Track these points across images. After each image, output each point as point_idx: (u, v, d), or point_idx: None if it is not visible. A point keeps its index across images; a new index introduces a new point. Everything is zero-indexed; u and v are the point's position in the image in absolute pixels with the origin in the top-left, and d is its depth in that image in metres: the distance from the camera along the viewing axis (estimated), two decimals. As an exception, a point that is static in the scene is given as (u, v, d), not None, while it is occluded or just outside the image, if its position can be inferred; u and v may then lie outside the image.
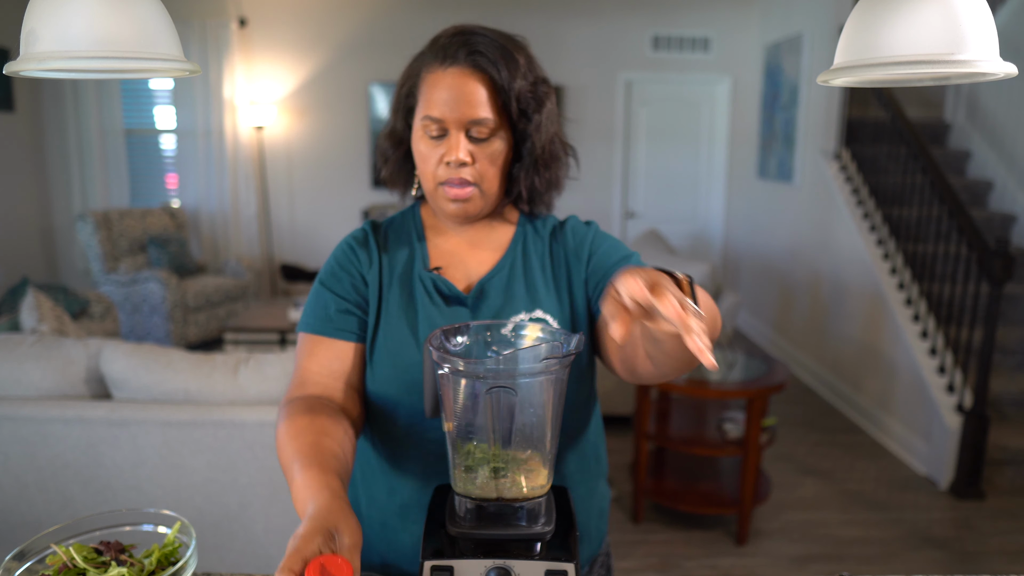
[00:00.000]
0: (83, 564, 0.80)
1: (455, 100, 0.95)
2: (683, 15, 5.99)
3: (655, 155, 6.29)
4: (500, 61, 0.96)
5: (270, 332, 4.18)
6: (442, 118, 0.96)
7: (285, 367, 2.06)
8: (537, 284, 1.04)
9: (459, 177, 0.98)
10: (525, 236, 1.08)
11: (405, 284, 1.04)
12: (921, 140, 3.94)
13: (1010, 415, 3.61)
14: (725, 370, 2.99)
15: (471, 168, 0.98)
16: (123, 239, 5.23)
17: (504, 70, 0.96)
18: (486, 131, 0.97)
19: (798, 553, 2.81)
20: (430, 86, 0.97)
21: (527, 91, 0.98)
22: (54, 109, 5.74)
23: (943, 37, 0.71)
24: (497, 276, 1.04)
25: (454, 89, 0.95)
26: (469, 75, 0.96)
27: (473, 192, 0.99)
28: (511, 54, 0.97)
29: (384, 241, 1.08)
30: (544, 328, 0.91)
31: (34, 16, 0.70)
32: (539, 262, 1.06)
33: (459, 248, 1.07)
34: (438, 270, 1.05)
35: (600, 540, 1.13)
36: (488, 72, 0.96)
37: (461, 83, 0.96)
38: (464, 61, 0.96)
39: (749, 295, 6.10)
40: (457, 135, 0.97)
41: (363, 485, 1.08)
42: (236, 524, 2.02)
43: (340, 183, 6.14)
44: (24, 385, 2.02)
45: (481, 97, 0.96)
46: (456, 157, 0.96)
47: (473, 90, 0.96)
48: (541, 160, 1.03)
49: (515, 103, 0.98)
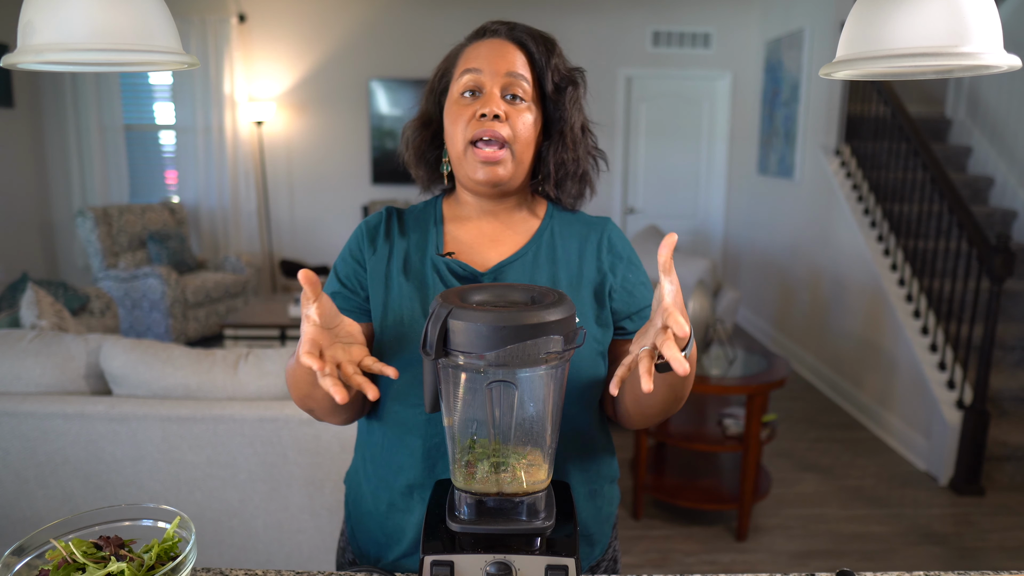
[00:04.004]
0: (83, 559, 0.80)
1: (494, 57, 0.99)
2: (683, 11, 5.98)
3: (655, 151, 6.28)
4: (539, 40, 1.02)
5: (270, 328, 4.17)
6: (480, 68, 0.99)
7: (285, 363, 2.06)
8: (560, 275, 1.04)
9: (492, 131, 0.97)
10: (553, 227, 1.08)
11: (418, 271, 1.03)
12: (922, 136, 3.93)
13: (1010, 411, 3.61)
14: (725, 366, 2.99)
15: (505, 124, 0.98)
16: (123, 235, 5.22)
17: (542, 47, 1.01)
18: (521, 90, 0.99)
19: (798, 549, 2.82)
20: (468, 52, 1.02)
21: (563, 69, 1.02)
22: (54, 105, 5.73)
23: (946, 29, 0.71)
24: (519, 261, 1.04)
25: (493, 49, 1.00)
26: (508, 44, 1.01)
27: (505, 154, 0.99)
28: (549, 38, 1.03)
29: (402, 227, 1.08)
30: None
31: (32, 8, 0.69)
32: (566, 255, 1.06)
33: (478, 239, 1.07)
34: (451, 255, 1.04)
35: (604, 544, 1.11)
36: (527, 46, 1.01)
37: (500, 46, 1.00)
38: (504, 35, 1.02)
39: (749, 291, 6.10)
40: (492, 90, 0.99)
41: (371, 466, 1.07)
42: (236, 519, 2.02)
43: (340, 179, 6.13)
44: (24, 381, 2.01)
45: (520, 61, 1.00)
46: (491, 108, 0.97)
47: (512, 52, 1.00)
48: (571, 137, 1.04)
49: (551, 76, 1.01)
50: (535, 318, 0.78)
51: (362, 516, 1.09)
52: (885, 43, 0.73)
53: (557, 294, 0.84)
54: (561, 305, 0.81)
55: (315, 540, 2.04)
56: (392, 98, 6.02)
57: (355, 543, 1.12)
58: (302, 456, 1.96)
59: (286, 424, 1.94)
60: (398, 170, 6.31)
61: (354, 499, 1.12)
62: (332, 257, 6.14)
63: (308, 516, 2.02)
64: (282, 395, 2.03)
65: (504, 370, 0.80)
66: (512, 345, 0.77)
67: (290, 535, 2.04)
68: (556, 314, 0.79)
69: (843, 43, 0.79)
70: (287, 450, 1.96)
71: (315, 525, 2.03)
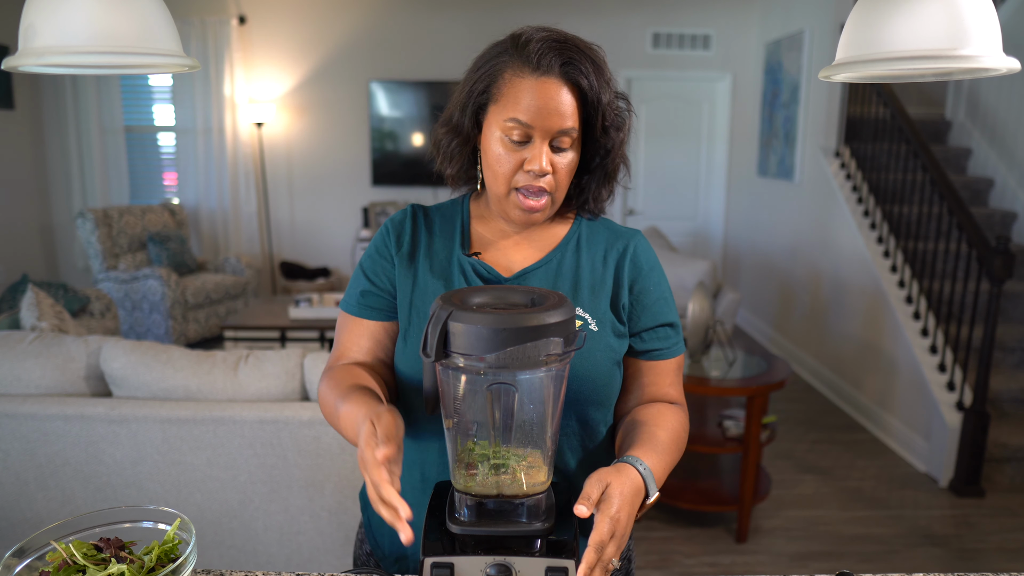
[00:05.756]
0: (83, 561, 0.80)
1: (547, 110, 0.94)
2: (683, 12, 5.98)
3: (655, 153, 6.29)
4: (592, 74, 0.95)
5: (270, 330, 4.17)
6: (531, 124, 0.94)
7: (285, 365, 2.06)
8: (583, 283, 1.04)
9: (537, 186, 0.97)
10: (579, 236, 1.08)
11: (443, 269, 1.04)
12: (921, 138, 3.93)
13: (1010, 413, 3.61)
14: (725, 368, 2.99)
15: (550, 178, 0.98)
16: (123, 236, 5.22)
17: (595, 82, 0.95)
18: (569, 142, 0.97)
19: (798, 551, 2.82)
20: (518, 90, 0.95)
21: (614, 107, 0.99)
22: (54, 107, 5.74)
23: (946, 32, 0.71)
24: (543, 268, 1.05)
25: (547, 99, 0.94)
26: (562, 85, 0.94)
27: (547, 202, 1.00)
28: (601, 68, 0.97)
29: (429, 225, 1.08)
30: None
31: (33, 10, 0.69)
32: (590, 263, 1.06)
33: (505, 241, 1.07)
34: (477, 255, 1.05)
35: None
36: (580, 85, 0.95)
37: (554, 93, 0.94)
38: (558, 72, 0.94)
39: (749, 293, 6.10)
40: (542, 145, 0.96)
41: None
42: (236, 521, 2.02)
43: (340, 181, 6.14)
44: (24, 382, 2.01)
45: (571, 109, 0.95)
46: (540, 166, 0.95)
47: (565, 101, 0.94)
48: (612, 172, 1.04)
49: (601, 118, 0.98)
50: (535, 320, 0.78)
51: (374, 514, 1.11)
52: (885, 46, 0.73)
53: (557, 296, 0.85)
54: (561, 307, 0.81)
55: (315, 542, 2.04)
56: (392, 100, 6.02)
57: (371, 535, 1.14)
58: (302, 458, 1.96)
59: (286, 426, 1.94)
60: (398, 172, 6.31)
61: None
62: (332, 259, 6.15)
63: (308, 518, 2.02)
64: (282, 396, 2.03)
65: (504, 372, 0.80)
66: (512, 347, 0.77)
67: (290, 537, 2.04)
68: (556, 316, 0.79)
69: (843, 45, 0.79)
70: (287, 452, 1.96)
71: (315, 527, 2.03)
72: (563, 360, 0.82)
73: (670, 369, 1.07)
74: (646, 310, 1.05)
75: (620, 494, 0.83)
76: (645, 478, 0.87)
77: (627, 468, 0.87)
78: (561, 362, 0.82)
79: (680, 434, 1.01)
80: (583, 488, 0.83)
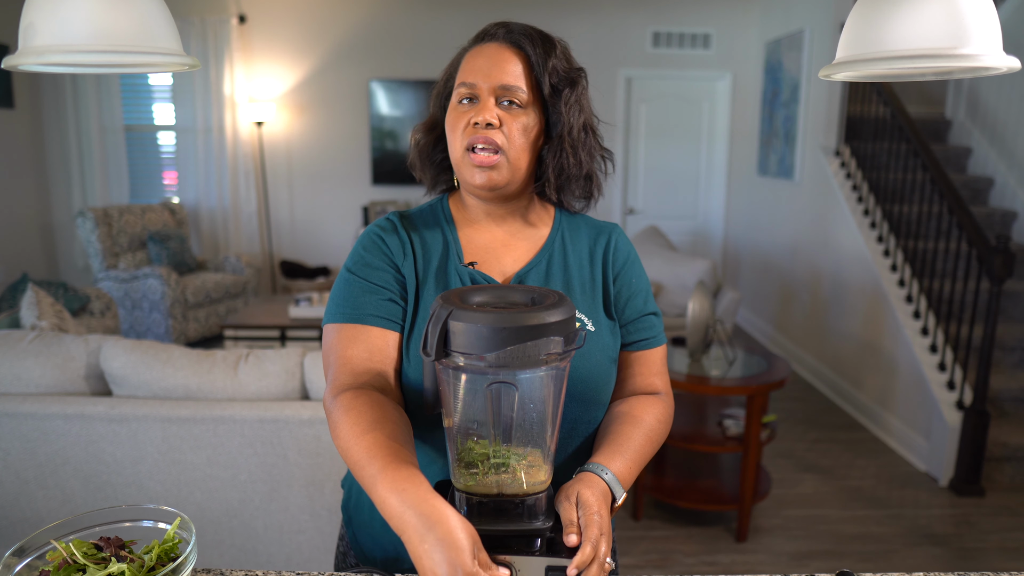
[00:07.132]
0: (83, 560, 0.80)
1: (488, 67, 0.99)
2: (683, 11, 5.98)
3: (655, 152, 6.29)
4: (537, 40, 1.01)
5: (270, 329, 4.17)
6: (474, 82, 0.99)
7: (285, 364, 2.06)
8: (573, 282, 1.05)
9: (485, 137, 0.98)
10: (563, 233, 1.09)
11: (441, 278, 1.04)
12: (921, 137, 3.93)
13: (1010, 412, 3.61)
14: (725, 367, 2.99)
15: (499, 132, 0.98)
16: (123, 235, 5.22)
17: (539, 48, 1.00)
18: (517, 100, 0.99)
19: (798, 550, 2.82)
20: (467, 60, 1.02)
21: (561, 70, 1.01)
22: (54, 106, 5.73)
23: (946, 31, 0.71)
24: (534, 270, 1.05)
25: (489, 58, 1.00)
26: (505, 49, 1.00)
27: (500, 160, 0.99)
28: (549, 38, 1.02)
29: (416, 232, 1.07)
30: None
31: (33, 9, 0.69)
32: (577, 261, 1.07)
33: (493, 243, 1.07)
34: (474, 265, 1.05)
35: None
36: (524, 49, 1.00)
37: (496, 53, 1.00)
38: (502, 38, 1.01)
39: (749, 292, 6.10)
40: (487, 99, 0.99)
41: None
42: (236, 520, 2.02)
43: (340, 180, 6.13)
44: (24, 381, 2.02)
45: (515, 69, 0.99)
46: (484, 117, 0.97)
47: (507, 59, 0.99)
48: (569, 141, 1.02)
49: (547, 79, 1.00)
50: (535, 319, 0.78)
51: (363, 524, 1.09)
52: (885, 45, 0.73)
53: (557, 295, 0.85)
54: (561, 306, 0.81)
55: (315, 541, 2.04)
56: (392, 99, 6.02)
57: (358, 548, 1.11)
58: (302, 457, 1.96)
59: (286, 425, 1.94)
60: (398, 171, 6.31)
61: (355, 504, 1.11)
62: (332, 258, 6.15)
63: (308, 517, 2.02)
64: (282, 396, 2.03)
65: (504, 371, 0.80)
66: (512, 346, 0.77)
67: (290, 536, 2.04)
68: (556, 315, 0.79)
69: (843, 44, 0.79)
70: (287, 451, 1.96)
71: (315, 526, 2.03)
72: (563, 359, 0.82)
73: (656, 358, 1.09)
74: (630, 301, 1.07)
75: (592, 495, 0.86)
76: (610, 484, 0.90)
77: (589, 477, 0.90)
78: (561, 361, 0.82)
79: (657, 428, 1.02)
80: (561, 515, 0.85)
